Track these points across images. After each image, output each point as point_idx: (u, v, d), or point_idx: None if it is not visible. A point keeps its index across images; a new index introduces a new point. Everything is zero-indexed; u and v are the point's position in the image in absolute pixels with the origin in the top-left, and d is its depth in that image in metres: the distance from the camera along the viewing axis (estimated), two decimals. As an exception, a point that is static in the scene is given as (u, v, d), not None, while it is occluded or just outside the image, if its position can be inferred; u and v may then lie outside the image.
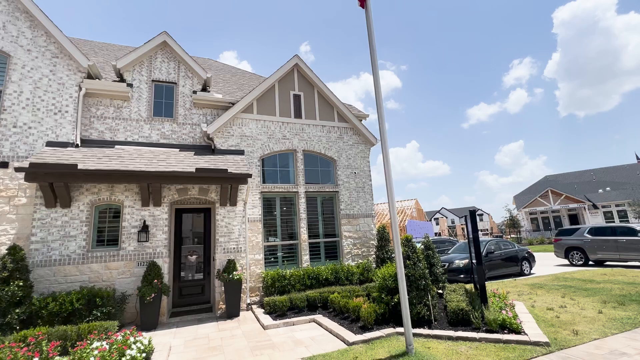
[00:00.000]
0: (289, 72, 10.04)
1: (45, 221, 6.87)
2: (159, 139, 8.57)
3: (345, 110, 10.40)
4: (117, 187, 7.47)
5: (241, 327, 6.54)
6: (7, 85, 7.35)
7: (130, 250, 7.31)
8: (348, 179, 10.08)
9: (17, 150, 7.10)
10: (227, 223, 8.18)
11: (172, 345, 5.58)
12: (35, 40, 7.75)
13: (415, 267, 6.15)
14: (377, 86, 5.45)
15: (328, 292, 7.58)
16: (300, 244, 9.08)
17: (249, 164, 8.85)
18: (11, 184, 6.90)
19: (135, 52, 8.67)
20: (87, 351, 4.26)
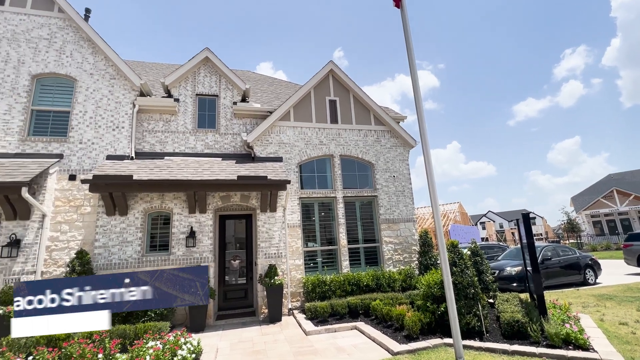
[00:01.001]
0: (324, 78, 10.13)
1: (106, 228, 7.51)
2: (203, 149, 9.04)
3: (381, 113, 10.23)
4: (167, 195, 7.98)
5: (283, 332, 6.60)
6: (74, 106, 8.21)
7: (179, 255, 7.74)
8: (387, 183, 9.86)
9: (82, 164, 7.89)
10: (267, 229, 8.36)
11: (219, 348, 5.78)
12: (97, 65, 8.60)
13: (463, 275, 5.81)
14: (416, 86, 5.28)
15: (369, 298, 7.42)
16: (339, 249, 9.02)
17: (287, 171, 9.00)
18: (78, 195, 7.66)
19: (181, 69, 9.29)
20: (144, 350, 4.55)
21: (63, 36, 8.58)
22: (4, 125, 7.66)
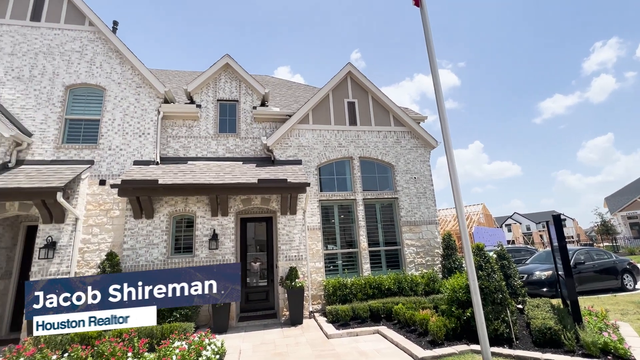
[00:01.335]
0: (342, 80, 10.11)
1: (133, 230, 7.80)
2: (225, 153, 9.23)
3: (401, 114, 10.09)
4: (190, 199, 8.19)
5: (305, 335, 6.59)
6: (104, 114, 8.61)
7: (203, 257, 7.91)
8: (407, 185, 9.69)
9: (111, 170, 8.24)
10: (288, 231, 8.41)
11: (242, 349, 5.84)
12: (124, 74, 8.98)
13: (490, 279, 5.60)
14: (437, 85, 5.17)
15: (391, 302, 7.29)
16: (360, 252, 8.93)
17: (307, 173, 9.03)
18: (108, 199, 8.00)
19: (202, 75, 9.54)
20: (170, 349, 4.67)
21: (93, 48, 9.02)
22: (40, 134, 8.13)
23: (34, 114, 8.24)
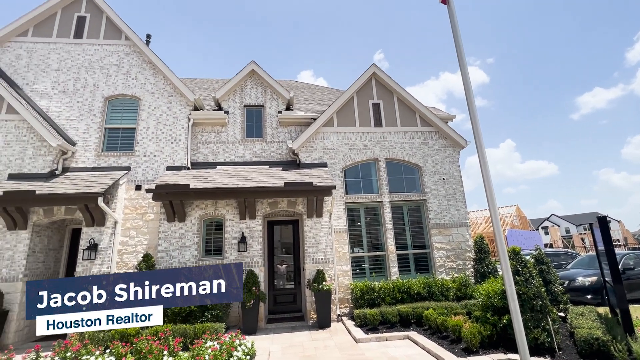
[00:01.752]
0: (367, 82, 10.04)
1: (167, 233, 8.13)
2: (252, 158, 9.44)
3: (428, 114, 9.86)
4: (219, 202, 8.42)
5: (333, 339, 6.56)
6: (139, 122, 9.08)
7: (232, 259, 8.10)
8: (436, 186, 9.43)
9: (146, 175, 8.65)
10: (314, 234, 8.43)
11: (271, 351, 5.90)
12: (157, 84, 9.44)
13: (528, 285, 5.31)
14: (467, 83, 5.00)
15: (421, 307, 7.09)
16: (387, 255, 8.78)
17: (332, 176, 9.03)
18: (143, 203, 8.41)
19: (229, 82, 9.83)
20: (203, 349, 4.80)
21: (129, 61, 9.56)
22: (83, 143, 8.70)
23: (77, 124, 8.84)
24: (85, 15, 9.78)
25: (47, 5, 9.50)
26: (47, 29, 9.56)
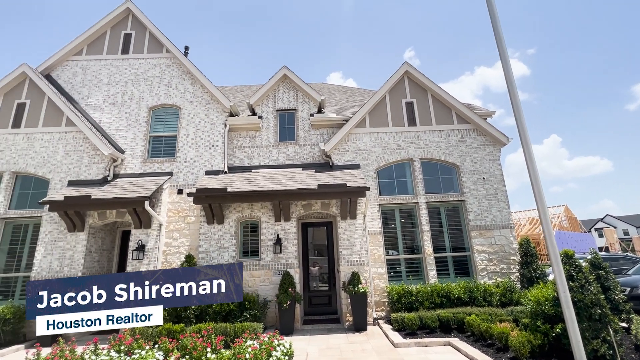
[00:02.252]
0: (399, 80, 9.85)
1: (207, 235, 8.48)
2: (285, 161, 9.60)
3: (465, 111, 9.46)
4: (255, 205, 8.65)
5: (370, 342, 6.46)
6: (179, 130, 9.58)
7: (268, 261, 8.27)
8: (475, 186, 9.00)
9: (187, 180, 9.10)
10: (348, 236, 8.38)
11: (308, 352, 5.94)
12: (195, 93, 9.92)
13: (584, 291, 4.89)
14: (509, 75, 4.73)
15: (463, 312, 6.79)
16: (424, 258, 8.51)
17: (366, 177, 8.94)
18: (185, 206, 8.85)
19: (262, 88, 10.09)
20: (244, 348, 4.93)
21: (170, 72, 10.14)
22: (131, 151, 9.34)
23: (125, 133, 9.51)
24: (131, 32, 10.53)
25: (98, 25, 10.35)
26: (98, 47, 10.41)
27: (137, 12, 10.47)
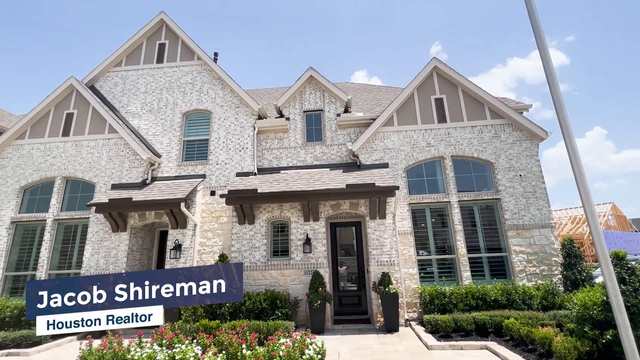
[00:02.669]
0: (428, 76, 9.61)
1: (238, 235, 8.74)
2: (312, 161, 9.68)
3: (499, 105, 9.06)
4: (284, 205, 8.79)
5: (402, 343, 6.36)
6: (211, 134, 9.94)
7: (298, 260, 8.37)
8: (511, 183, 8.60)
9: (219, 182, 9.43)
10: (378, 236, 8.30)
11: (340, 352, 5.95)
12: (225, 97, 10.25)
13: (638, 295, 4.53)
14: (548, 65, 4.47)
15: (500, 315, 6.51)
16: (457, 258, 8.25)
17: (394, 176, 8.81)
18: (217, 207, 9.17)
19: (289, 90, 10.23)
20: (277, 345, 5.03)
21: (201, 78, 10.55)
22: (167, 155, 9.82)
23: (161, 138, 10.02)
24: (165, 42, 11.07)
25: (135, 37, 10.98)
26: (135, 57, 11.04)
27: (170, 22, 11.00)
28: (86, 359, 5.17)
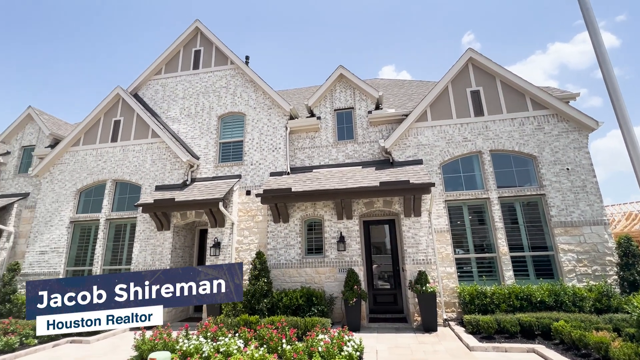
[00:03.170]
0: (463, 68, 9.26)
1: (274, 233, 8.96)
2: (344, 160, 9.69)
3: (542, 95, 8.54)
4: (317, 204, 8.89)
5: (442, 344, 6.22)
6: (245, 135, 10.27)
7: (332, 258, 8.44)
8: (558, 178, 8.08)
9: (254, 181, 9.72)
10: (413, 234, 8.16)
11: (378, 350, 5.94)
12: (258, 99, 10.53)
13: None
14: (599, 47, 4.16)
15: (548, 318, 6.16)
16: (499, 257, 7.91)
17: (429, 173, 8.60)
18: (253, 206, 9.46)
19: (320, 89, 10.31)
20: (316, 341, 5.14)
21: (234, 82, 10.92)
22: (205, 157, 10.28)
23: (199, 141, 10.50)
24: (200, 49, 11.57)
25: (172, 46, 11.58)
26: (174, 65, 11.65)
27: (205, 30, 11.47)
28: (140, 347, 5.59)
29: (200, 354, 5.26)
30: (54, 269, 9.80)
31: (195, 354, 5.27)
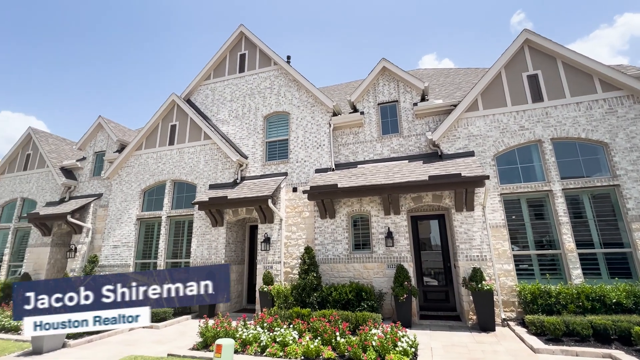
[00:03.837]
0: (517, 52, 8.62)
1: (321, 228, 9.12)
2: (390, 154, 9.53)
3: (613, 74, 7.67)
4: (364, 199, 8.87)
5: (502, 344, 5.92)
6: (290, 134, 10.52)
7: (380, 254, 8.39)
8: (635, 167, 7.23)
9: (300, 178, 9.95)
10: (466, 229, 7.82)
11: (432, 347, 5.81)
12: (301, 98, 10.73)
13: None
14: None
15: (627, 321, 5.57)
16: (564, 254, 7.30)
17: (482, 165, 8.16)
18: (299, 202, 9.69)
19: (362, 84, 10.22)
20: (369, 335, 5.17)
21: (278, 82, 11.22)
22: (252, 156, 10.73)
23: (247, 141, 10.97)
24: (245, 52, 12.05)
25: (219, 52, 12.19)
26: (221, 70, 12.26)
27: (249, 34, 11.92)
28: (204, 334, 6.04)
29: (258, 343, 5.56)
30: (125, 261, 10.91)
31: (254, 343, 5.59)
